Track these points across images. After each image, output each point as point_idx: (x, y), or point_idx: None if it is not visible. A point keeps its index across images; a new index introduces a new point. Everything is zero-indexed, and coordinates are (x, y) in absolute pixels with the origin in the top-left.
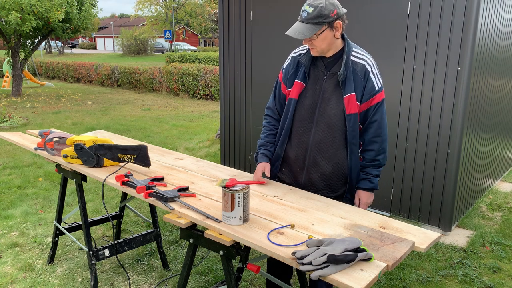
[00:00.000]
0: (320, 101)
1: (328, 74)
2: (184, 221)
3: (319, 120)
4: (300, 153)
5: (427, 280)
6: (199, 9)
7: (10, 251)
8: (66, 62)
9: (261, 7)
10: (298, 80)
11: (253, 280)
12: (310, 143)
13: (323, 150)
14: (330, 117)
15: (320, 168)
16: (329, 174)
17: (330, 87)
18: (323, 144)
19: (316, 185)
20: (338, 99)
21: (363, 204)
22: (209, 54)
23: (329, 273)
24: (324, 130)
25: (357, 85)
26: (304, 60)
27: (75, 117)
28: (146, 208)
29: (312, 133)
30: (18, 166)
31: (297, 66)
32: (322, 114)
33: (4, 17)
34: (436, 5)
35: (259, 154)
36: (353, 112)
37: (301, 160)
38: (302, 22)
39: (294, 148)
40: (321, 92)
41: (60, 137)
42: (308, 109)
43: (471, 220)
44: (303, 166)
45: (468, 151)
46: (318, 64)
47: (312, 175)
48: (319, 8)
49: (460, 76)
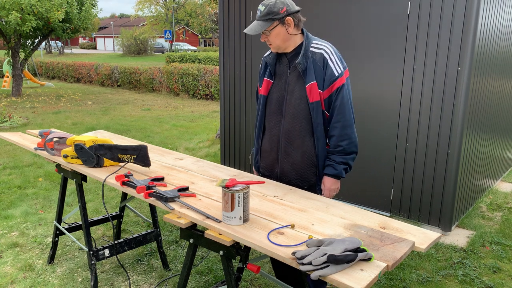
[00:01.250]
0: (286, 94)
1: (291, 67)
2: (184, 221)
3: (286, 111)
4: (273, 145)
5: (427, 280)
6: (199, 9)
7: (10, 251)
8: (66, 62)
9: None
10: (266, 78)
11: (253, 280)
12: (280, 134)
13: (292, 140)
14: (295, 107)
15: (290, 158)
16: (299, 163)
17: (293, 79)
18: (291, 134)
19: (288, 176)
20: (300, 89)
21: (327, 189)
22: (209, 54)
23: (329, 273)
24: (291, 120)
25: (318, 73)
26: (269, 58)
27: (75, 117)
28: (146, 208)
29: (281, 124)
30: (18, 166)
31: (265, 66)
32: (288, 106)
33: (4, 17)
34: (436, 5)
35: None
36: (315, 100)
37: (275, 152)
38: (256, 20)
39: (267, 141)
40: (286, 85)
41: (60, 137)
42: (276, 102)
43: (471, 220)
44: (277, 157)
45: (468, 151)
46: (283, 60)
47: (284, 166)
48: (269, 7)
49: (460, 76)
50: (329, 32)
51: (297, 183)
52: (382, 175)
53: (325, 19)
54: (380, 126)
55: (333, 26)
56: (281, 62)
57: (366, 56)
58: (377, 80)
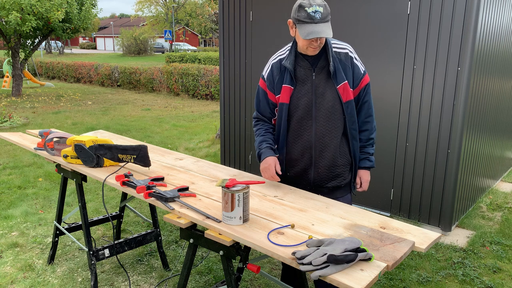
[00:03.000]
0: (314, 97)
1: (316, 70)
2: (184, 221)
3: (317, 115)
4: (305, 151)
5: (427, 280)
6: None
7: (10, 251)
8: (66, 62)
9: (261, 7)
10: (286, 85)
11: (253, 280)
12: (313, 140)
13: (327, 142)
14: (328, 109)
15: (326, 161)
16: (336, 164)
17: (321, 82)
18: (325, 136)
19: (324, 179)
20: (332, 90)
21: (365, 182)
22: (209, 54)
23: (329, 273)
24: (325, 123)
25: (347, 72)
26: (288, 63)
27: (75, 117)
28: (146, 208)
29: (313, 129)
30: (18, 166)
31: (281, 71)
32: (319, 109)
33: (4, 17)
34: (436, 5)
35: (263, 149)
36: (349, 99)
37: (307, 157)
38: (319, 22)
39: (297, 149)
40: (314, 88)
41: (60, 137)
42: (305, 108)
43: (471, 220)
44: (310, 163)
45: (468, 151)
46: (303, 64)
47: (320, 170)
48: (326, 6)
49: (460, 76)
50: None
51: (334, 184)
52: (382, 175)
53: None
54: (380, 126)
55: (333, 26)
56: (301, 65)
57: (366, 56)
58: (377, 80)
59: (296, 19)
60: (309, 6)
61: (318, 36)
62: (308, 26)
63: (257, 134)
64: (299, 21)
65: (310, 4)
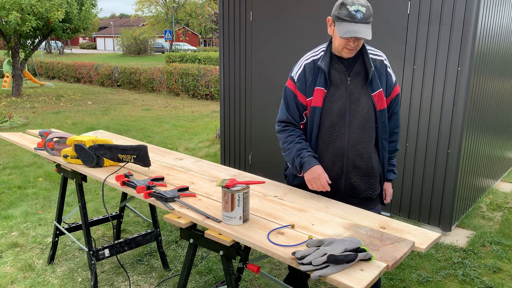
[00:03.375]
0: (348, 103)
1: (351, 74)
2: (184, 221)
3: (351, 122)
4: (336, 159)
5: (427, 280)
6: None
7: (10, 251)
8: (66, 62)
9: (261, 7)
10: (319, 87)
11: (253, 280)
12: (346, 147)
13: (361, 152)
14: (363, 116)
15: (359, 170)
16: (369, 174)
17: (357, 87)
18: (359, 145)
19: (358, 188)
20: (367, 97)
21: (389, 195)
22: (209, 54)
23: (329, 273)
24: (359, 131)
25: (382, 80)
26: (324, 65)
27: (75, 117)
28: (146, 208)
29: (346, 136)
30: (18, 166)
31: (314, 73)
32: (354, 116)
33: (4, 17)
34: (436, 5)
35: (305, 158)
36: (383, 108)
37: (338, 167)
38: (360, 23)
39: (328, 156)
40: (348, 93)
41: (60, 137)
42: (338, 113)
43: (471, 220)
44: (341, 172)
45: (468, 151)
46: (337, 67)
47: (352, 179)
48: (369, 7)
49: (460, 76)
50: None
51: (367, 194)
52: None
53: (324, 20)
54: None
55: None
56: (336, 68)
57: None
58: None
59: (336, 17)
60: (352, 4)
61: (356, 36)
62: (348, 25)
63: (289, 141)
64: (339, 18)
65: (353, 2)
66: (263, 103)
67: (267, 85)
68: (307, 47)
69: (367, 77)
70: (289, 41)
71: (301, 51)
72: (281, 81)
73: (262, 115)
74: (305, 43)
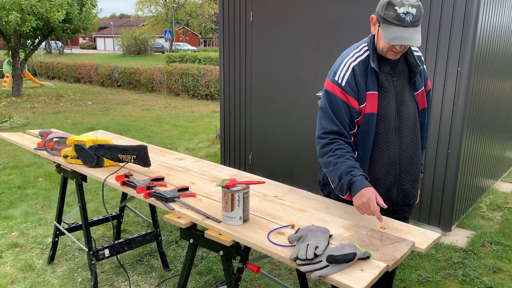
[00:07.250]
0: (397, 105)
1: (395, 74)
2: (184, 221)
3: (402, 125)
4: (390, 167)
5: (427, 280)
6: (199, 9)
7: (10, 251)
8: (66, 62)
9: (261, 7)
10: (372, 91)
11: (253, 280)
12: (398, 153)
13: (412, 156)
14: (411, 118)
15: (411, 176)
16: (417, 178)
17: (402, 88)
18: (410, 149)
19: (409, 195)
20: (411, 97)
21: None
22: (209, 54)
23: (329, 273)
24: (409, 135)
25: (421, 77)
26: (375, 66)
27: (75, 117)
28: (146, 208)
29: (397, 141)
30: (18, 166)
31: (366, 75)
32: (403, 119)
33: (4, 17)
34: (436, 5)
35: (357, 177)
36: (424, 107)
37: (392, 175)
38: (409, 26)
39: (383, 165)
40: (395, 95)
41: (60, 137)
42: (390, 117)
43: (471, 220)
44: (394, 180)
45: (468, 151)
46: (383, 68)
47: (405, 186)
48: (420, 7)
49: (460, 76)
50: (328, 32)
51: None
52: None
53: (324, 20)
54: None
55: (332, 27)
56: (382, 69)
57: None
58: None
59: (381, 17)
60: (401, 5)
61: (405, 44)
62: (395, 29)
63: (338, 155)
64: (385, 20)
65: (402, 3)
66: (263, 103)
67: (267, 85)
68: (307, 47)
69: (409, 75)
70: (289, 41)
71: (301, 51)
72: (281, 81)
73: (262, 115)
74: (305, 43)
